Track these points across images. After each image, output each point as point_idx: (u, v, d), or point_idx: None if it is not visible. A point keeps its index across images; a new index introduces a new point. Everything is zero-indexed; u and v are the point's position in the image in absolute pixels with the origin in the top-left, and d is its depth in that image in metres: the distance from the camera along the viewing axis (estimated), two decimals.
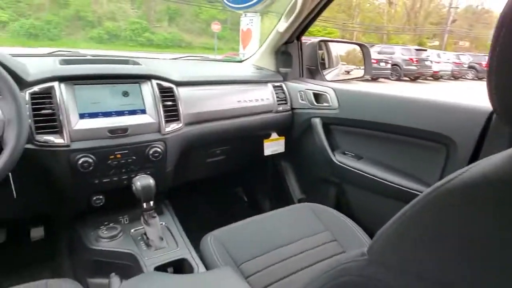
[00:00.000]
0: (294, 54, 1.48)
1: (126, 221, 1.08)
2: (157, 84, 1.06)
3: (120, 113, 0.98)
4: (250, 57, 1.66)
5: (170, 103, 1.07)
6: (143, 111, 1.02)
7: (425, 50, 13.87)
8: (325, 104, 1.32)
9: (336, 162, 1.27)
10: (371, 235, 1.00)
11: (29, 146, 0.84)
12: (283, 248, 0.92)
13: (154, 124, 1.02)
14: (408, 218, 0.38)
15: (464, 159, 0.90)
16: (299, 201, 1.57)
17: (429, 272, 0.35)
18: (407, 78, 12.96)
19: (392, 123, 1.09)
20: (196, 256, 0.95)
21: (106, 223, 1.04)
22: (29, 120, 0.84)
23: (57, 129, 0.89)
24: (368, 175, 1.15)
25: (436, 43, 26.68)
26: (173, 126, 1.07)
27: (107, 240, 0.98)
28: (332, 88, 1.32)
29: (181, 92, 1.12)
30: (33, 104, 0.87)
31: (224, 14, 22.39)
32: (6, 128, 0.71)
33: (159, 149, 1.03)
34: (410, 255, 0.37)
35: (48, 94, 0.90)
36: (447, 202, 0.34)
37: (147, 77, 1.06)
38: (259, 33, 11.65)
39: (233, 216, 1.10)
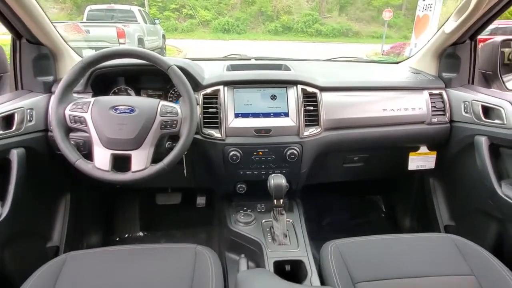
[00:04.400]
0: (464, 56, 1.25)
1: (261, 209, 1.23)
2: (302, 89, 1.14)
3: (266, 115, 1.12)
4: (408, 58, 1.50)
5: (311, 108, 1.13)
6: (286, 114, 1.12)
7: None
8: (496, 121, 1.07)
9: (501, 194, 1.02)
10: None
11: (197, 136, 1.09)
12: (410, 280, 0.84)
13: (294, 128, 1.11)
14: None
15: None
16: (445, 228, 1.36)
17: None
18: None
19: None
20: (312, 261, 0.98)
21: (245, 208, 1.23)
22: (200, 116, 1.08)
23: (217, 125, 1.11)
24: None
25: None
26: (312, 130, 1.13)
27: (243, 224, 1.16)
28: (510, 102, 1.04)
29: (324, 97, 1.16)
30: (204, 103, 1.11)
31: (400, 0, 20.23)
32: (182, 123, 0.95)
33: (295, 151, 1.11)
34: None
35: (215, 95, 1.12)
36: None
37: (294, 83, 1.15)
38: (438, 20, 9.97)
39: (367, 224, 1.07)
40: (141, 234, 1.63)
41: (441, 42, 1.26)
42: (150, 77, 1.22)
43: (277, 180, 1.02)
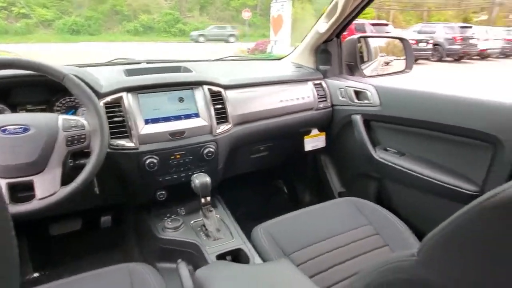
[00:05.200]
0: (333, 51, 1.51)
1: (184, 212, 1.22)
2: (208, 89, 1.17)
3: (177, 118, 1.10)
4: (288, 55, 1.70)
5: (219, 106, 1.18)
6: (197, 115, 1.14)
7: (470, 27, 12.82)
8: (365, 101, 1.35)
9: (377, 157, 1.31)
10: (412, 229, 1.04)
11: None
12: (329, 240, 1.00)
13: (207, 127, 1.14)
14: (456, 227, 0.43)
15: (510, 159, 0.91)
16: (339, 194, 1.63)
17: (468, 277, 0.42)
18: (449, 59, 12.13)
19: (436, 121, 1.10)
20: (250, 247, 1.05)
21: (168, 215, 1.18)
22: None
23: (126, 134, 1.02)
24: (410, 171, 1.18)
25: (484, 17, 24.49)
26: (223, 127, 1.17)
27: (172, 230, 1.12)
28: (373, 86, 1.34)
29: (229, 95, 1.22)
30: (107, 112, 1.00)
31: (254, 0, 22.16)
32: (92, 137, 0.84)
33: (211, 149, 1.14)
34: (455, 260, 0.44)
35: (117, 103, 1.03)
36: (493, 215, 0.39)
37: (200, 83, 1.17)
38: (290, 19, 11.48)
39: (274, 208, 1.18)
40: (36, 275, 1.33)
41: (316, 40, 1.49)
42: (26, 90, 1.01)
43: (201, 178, 1.04)
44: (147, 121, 1.05)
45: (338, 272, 0.91)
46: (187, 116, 1.12)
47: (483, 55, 12.89)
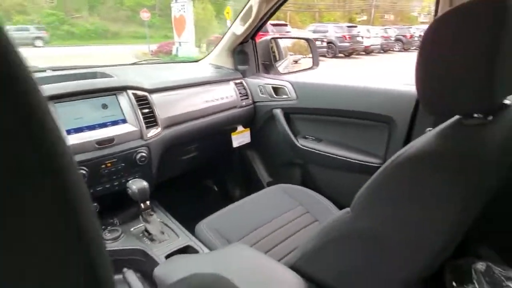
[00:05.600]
0: (249, 52, 1.61)
1: (120, 221, 1.16)
2: (133, 93, 1.14)
3: (103, 125, 1.05)
4: (206, 56, 1.74)
5: (147, 110, 1.16)
6: (124, 121, 1.10)
7: (356, 26, 14.82)
8: (284, 96, 1.49)
9: (299, 145, 1.46)
10: (335, 203, 1.21)
11: None
12: (268, 225, 1.09)
13: (137, 132, 1.11)
14: (376, 184, 0.57)
15: (402, 134, 1.14)
16: (268, 184, 1.74)
17: (392, 218, 0.56)
18: (342, 55, 13.80)
19: (344, 109, 1.30)
20: (198, 242, 1.07)
21: (104, 227, 1.12)
22: None
23: None
24: (328, 154, 1.36)
25: (365, 18, 28.45)
26: (153, 131, 1.16)
27: (111, 241, 1.06)
28: (289, 82, 1.48)
29: (155, 99, 1.21)
30: None
31: (152, 0, 21.19)
32: None
33: (144, 154, 1.12)
34: (380, 206, 0.57)
35: None
36: (400, 171, 0.55)
37: (123, 88, 1.13)
38: (193, 19, 11.37)
39: (208, 207, 1.22)
40: None
41: (232, 42, 1.57)
42: None
43: (138, 184, 1.04)
44: (69, 132, 0.98)
45: (280, 250, 1.00)
46: (114, 123, 1.08)
47: (367, 51, 15.01)
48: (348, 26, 14.16)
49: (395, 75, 8.14)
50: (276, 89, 1.52)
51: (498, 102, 0.55)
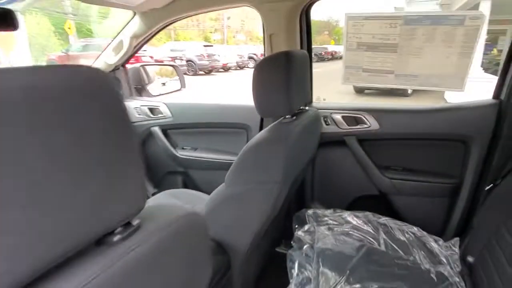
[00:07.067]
0: (122, 78, 1.78)
1: None
2: None
3: None
4: None
5: None
6: None
7: (212, 45, 15.89)
8: (160, 115, 1.73)
9: (179, 155, 1.73)
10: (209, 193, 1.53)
11: None
12: None
13: None
14: (238, 162, 0.93)
15: (254, 134, 1.57)
16: (153, 195, 1.93)
17: (246, 185, 0.93)
18: (202, 72, 14.55)
19: (210, 121, 1.65)
20: None
21: None
22: None
23: None
24: (203, 159, 1.68)
25: (219, 37, 30.61)
26: None
27: None
28: (163, 102, 1.74)
29: None
30: None
31: None
32: None
33: None
34: (240, 179, 0.92)
35: None
36: (249, 152, 0.93)
37: None
38: (27, 34, 9.77)
39: None
40: None
41: (104, 69, 1.70)
42: None
43: None
44: None
45: None
46: None
47: (225, 68, 16.24)
48: (205, 45, 15.07)
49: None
50: (152, 110, 1.75)
51: (296, 109, 1.01)
